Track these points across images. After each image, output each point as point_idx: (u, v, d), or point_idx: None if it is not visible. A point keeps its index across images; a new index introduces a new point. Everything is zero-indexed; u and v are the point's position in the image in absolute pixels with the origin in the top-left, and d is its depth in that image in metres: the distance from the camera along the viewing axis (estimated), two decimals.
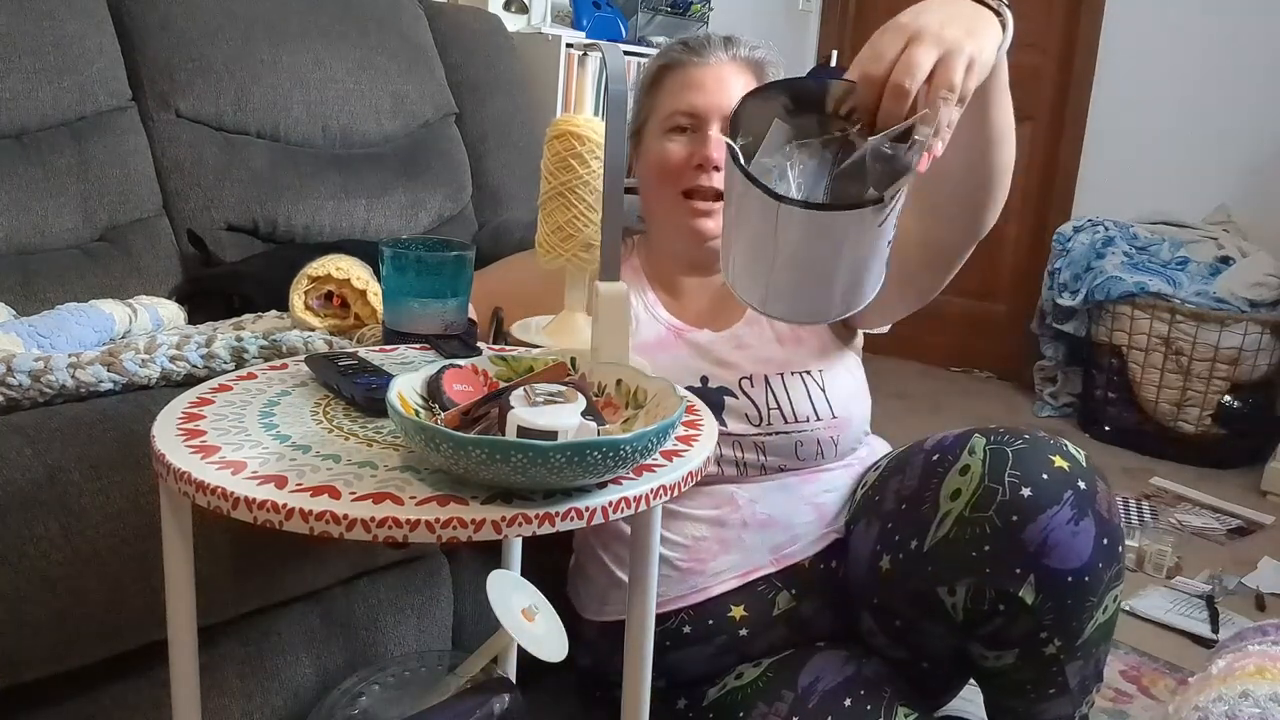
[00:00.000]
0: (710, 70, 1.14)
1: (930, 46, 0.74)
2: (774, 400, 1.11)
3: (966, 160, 0.95)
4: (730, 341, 1.15)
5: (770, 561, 1.12)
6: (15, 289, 1.28)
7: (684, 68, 1.16)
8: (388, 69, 1.78)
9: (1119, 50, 3.15)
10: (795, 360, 1.14)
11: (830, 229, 0.74)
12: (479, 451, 0.60)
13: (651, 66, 1.21)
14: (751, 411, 1.11)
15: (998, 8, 0.82)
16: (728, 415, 1.11)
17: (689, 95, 1.14)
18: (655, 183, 1.17)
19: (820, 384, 1.13)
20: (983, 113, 0.89)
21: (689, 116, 1.14)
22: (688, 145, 1.14)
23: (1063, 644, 0.97)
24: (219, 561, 0.93)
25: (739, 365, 1.13)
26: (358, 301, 1.10)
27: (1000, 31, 0.81)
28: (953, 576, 0.98)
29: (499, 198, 1.92)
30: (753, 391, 1.11)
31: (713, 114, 1.12)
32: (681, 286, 1.21)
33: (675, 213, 1.15)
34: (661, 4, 2.99)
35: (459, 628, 1.25)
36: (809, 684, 1.05)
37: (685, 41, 1.18)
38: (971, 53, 0.76)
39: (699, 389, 1.11)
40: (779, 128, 0.80)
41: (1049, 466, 0.96)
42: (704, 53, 1.15)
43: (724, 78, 1.14)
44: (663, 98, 1.17)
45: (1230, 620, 1.79)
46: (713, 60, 1.15)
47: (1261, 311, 2.64)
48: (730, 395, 1.11)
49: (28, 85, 1.37)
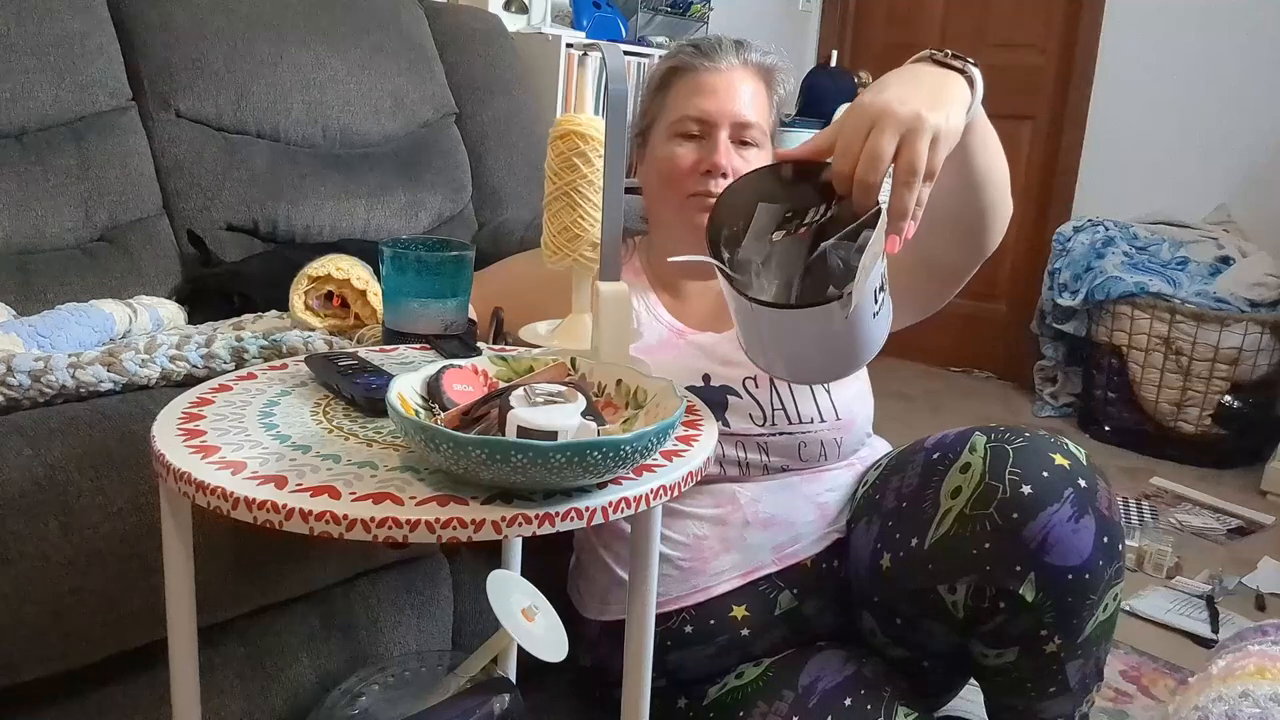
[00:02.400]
0: (722, 75, 1.13)
1: (891, 131, 0.74)
2: (779, 401, 1.11)
3: (957, 202, 0.97)
4: (733, 343, 1.15)
5: (772, 561, 1.12)
6: (15, 289, 1.28)
7: (694, 72, 1.14)
8: (388, 69, 1.78)
9: (1119, 50, 3.15)
10: None
11: (799, 325, 0.76)
12: (479, 451, 0.60)
13: (661, 67, 1.19)
14: (756, 411, 1.11)
15: (961, 67, 0.82)
16: (731, 414, 1.11)
17: (699, 100, 1.13)
18: (661, 186, 1.17)
19: (825, 385, 1.13)
20: (965, 163, 0.91)
21: (698, 122, 1.13)
22: (696, 151, 1.13)
23: (1063, 642, 0.97)
24: (219, 561, 0.93)
25: (742, 364, 1.12)
26: (358, 301, 1.10)
27: (968, 90, 0.81)
28: (953, 574, 0.98)
29: (499, 198, 1.92)
30: (757, 392, 1.11)
31: (723, 120, 1.12)
32: (684, 289, 1.21)
33: (681, 214, 1.15)
34: (661, 4, 2.99)
35: (459, 628, 1.25)
36: (809, 683, 1.05)
37: (696, 44, 1.17)
38: (935, 126, 0.75)
39: (702, 388, 1.11)
40: (764, 210, 0.82)
41: (1049, 464, 0.96)
42: (715, 57, 1.14)
43: (735, 83, 1.13)
44: (671, 101, 1.16)
45: (1230, 620, 1.79)
46: (724, 65, 1.14)
47: (1261, 311, 2.64)
48: (734, 394, 1.11)
49: (28, 85, 1.37)
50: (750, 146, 1.13)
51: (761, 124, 1.14)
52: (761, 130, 1.14)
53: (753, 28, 3.32)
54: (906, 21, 3.65)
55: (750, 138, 1.13)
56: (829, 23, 3.81)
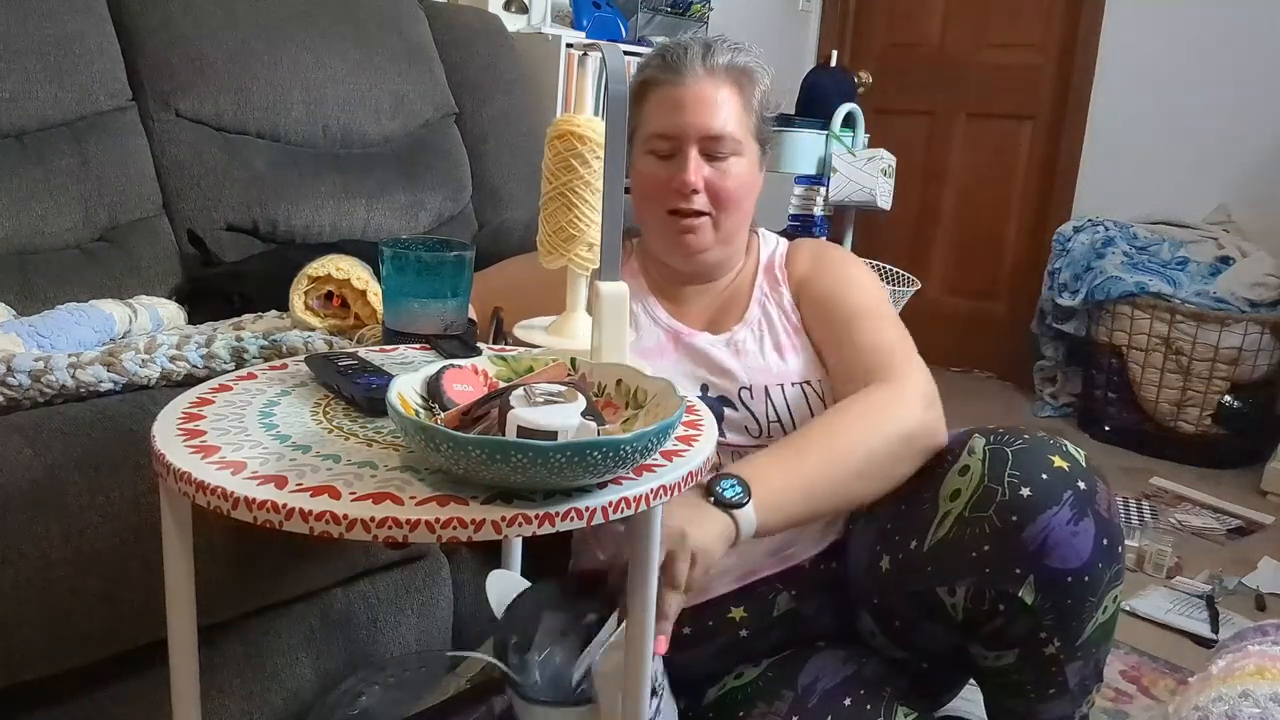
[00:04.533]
0: (688, 90, 1.11)
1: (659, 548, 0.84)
2: (774, 413, 1.11)
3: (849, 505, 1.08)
4: (728, 346, 1.16)
5: (771, 563, 1.12)
6: (15, 289, 1.28)
7: (660, 86, 1.13)
8: (388, 69, 1.78)
9: (1119, 50, 3.15)
10: (793, 371, 1.14)
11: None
12: (479, 451, 0.60)
13: (636, 78, 1.18)
14: (751, 424, 1.11)
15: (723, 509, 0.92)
16: (727, 427, 1.11)
17: (667, 117, 1.11)
18: (640, 201, 1.17)
19: (820, 394, 1.13)
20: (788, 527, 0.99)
21: (666, 139, 1.11)
22: (666, 169, 1.12)
23: (1062, 644, 0.97)
24: (219, 561, 0.93)
25: (736, 374, 1.13)
26: (358, 301, 1.10)
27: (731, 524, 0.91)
28: (952, 577, 0.98)
29: (499, 198, 1.92)
30: (752, 403, 1.11)
31: (691, 134, 1.10)
32: (680, 293, 1.21)
33: (662, 229, 1.15)
34: (661, 4, 2.99)
35: (459, 628, 1.25)
36: (809, 683, 1.05)
37: (663, 55, 1.15)
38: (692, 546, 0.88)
39: (700, 397, 1.11)
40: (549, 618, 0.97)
41: (1049, 466, 0.96)
42: (680, 69, 1.12)
43: (702, 96, 1.10)
44: (645, 116, 1.15)
45: (1230, 620, 1.79)
46: (689, 78, 1.11)
47: (1261, 311, 2.64)
48: (730, 406, 1.12)
49: (28, 85, 1.37)
50: (726, 159, 1.11)
51: (735, 133, 1.11)
52: (736, 139, 1.11)
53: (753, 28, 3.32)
54: (906, 21, 3.65)
55: (722, 150, 1.11)
56: (829, 23, 3.81)
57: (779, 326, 1.17)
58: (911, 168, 3.43)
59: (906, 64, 3.64)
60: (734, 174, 1.12)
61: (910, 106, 3.62)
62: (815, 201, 2.79)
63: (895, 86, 3.64)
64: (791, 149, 2.73)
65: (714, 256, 1.17)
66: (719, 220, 1.13)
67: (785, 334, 1.16)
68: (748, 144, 1.13)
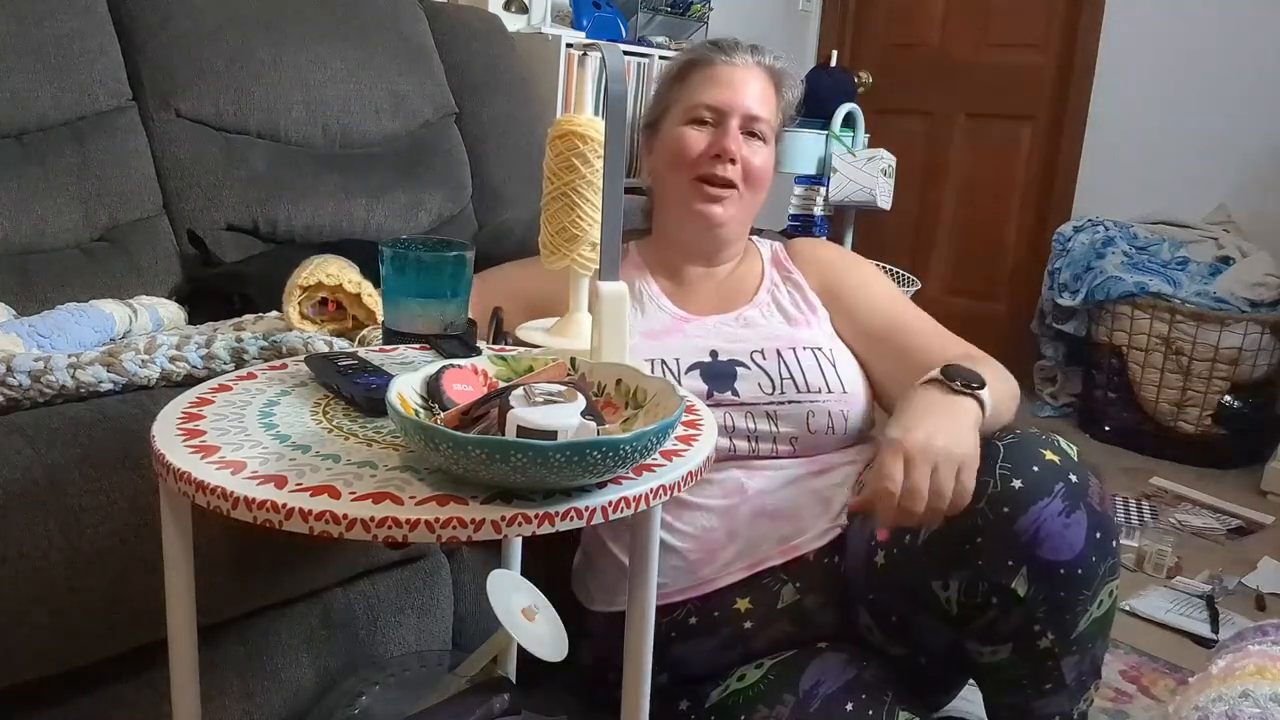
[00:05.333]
0: (737, 70, 1.22)
1: (923, 467, 0.90)
2: (787, 371, 1.15)
3: None
4: (738, 322, 1.21)
5: (776, 553, 1.13)
6: (15, 289, 1.28)
7: (711, 65, 1.23)
8: (388, 69, 1.78)
9: (1119, 50, 3.15)
10: (804, 337, 1.19)
11: None
12: (479, 451, 0.60)
13: (680, 60, 1.28)
14: (765, 381, 1.15)
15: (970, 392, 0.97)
16: (740, 383, 1.14)
17: (715, 90, 1.21)
18: (670, 168, 1.23)
19: (831, 360, 1.17)
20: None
21: (712, 110, 1.20)
22: (708, 136, 1.20)
23: (1056, 638, 0.97)
24: (219, 561, 0.93)
25: (748, 340, 1.18)
26: (353, 304, 1.10)
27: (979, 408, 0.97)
28: (946, 569, 0.98)
29: (499, 198, 1.92)
30: (765, 363, 1.16)
31: (735, 110, 1.20)
32: (686, 276, 1.26)
33: (687, 197, 1.21)
34: (661, 4, 2.99)
35: (459, 628, 1.25)
36: (810, 687, 1.05)
37: (716, 42, 1.26)
38: (959, 458, 0.91)
39: (709, 363, 1.15)
40: None
41: (1039, 459, 0.97)
42: (732, 53, 1.23)
43: (748, 79, 1.22)
44: (687, 91, 1.23)
45: (1230, 620, 1.79)
46: (739, 61, 1.22)
47: (1261, 311, 2.64)
48: (742, 366, 1.15)
49: (28, 85, 1.37)
50: (757, 139, 1.21)
51: (769, 120, 1.22)
52: (769, 125, 1.22)
53: (753, 28, 3.32)
54: (906, 21, 3.65)
55: (759, 130, 1.21)
56: (829, 23, 3.81)
57: (789, 308, 1.23)
58: (911, 168, 3.43)
59: (906, 64, 3.64)
60: (763, 156, 1.22)
61: (910, 107, 3.62)
62: (815, 201, 2.79)
63: (895, 86, 3.64)
64: (792, 149, 2.73)
65: (728, 234, 1.23)
66: (743, 196, 1.21)
67: (798, 309, 1.23)
68: (772, 136, 1.24)
